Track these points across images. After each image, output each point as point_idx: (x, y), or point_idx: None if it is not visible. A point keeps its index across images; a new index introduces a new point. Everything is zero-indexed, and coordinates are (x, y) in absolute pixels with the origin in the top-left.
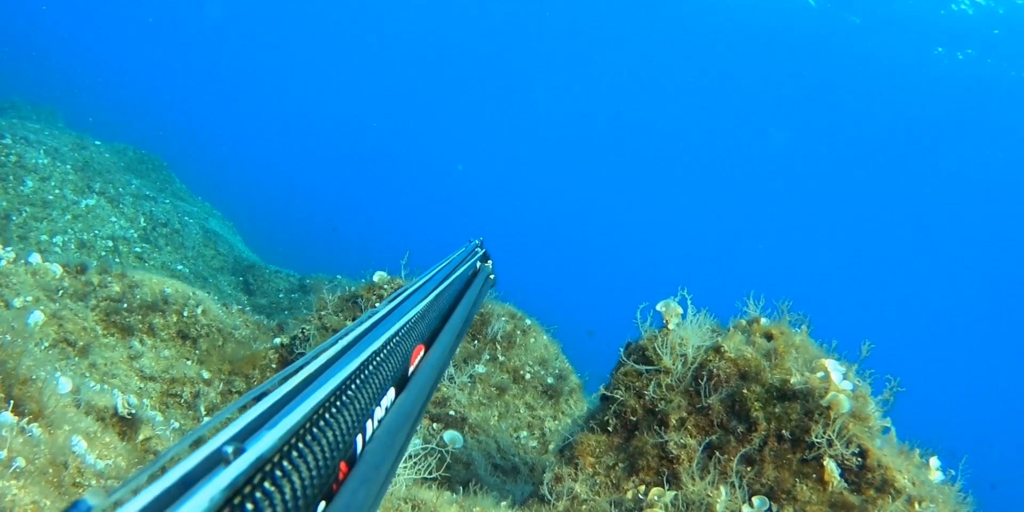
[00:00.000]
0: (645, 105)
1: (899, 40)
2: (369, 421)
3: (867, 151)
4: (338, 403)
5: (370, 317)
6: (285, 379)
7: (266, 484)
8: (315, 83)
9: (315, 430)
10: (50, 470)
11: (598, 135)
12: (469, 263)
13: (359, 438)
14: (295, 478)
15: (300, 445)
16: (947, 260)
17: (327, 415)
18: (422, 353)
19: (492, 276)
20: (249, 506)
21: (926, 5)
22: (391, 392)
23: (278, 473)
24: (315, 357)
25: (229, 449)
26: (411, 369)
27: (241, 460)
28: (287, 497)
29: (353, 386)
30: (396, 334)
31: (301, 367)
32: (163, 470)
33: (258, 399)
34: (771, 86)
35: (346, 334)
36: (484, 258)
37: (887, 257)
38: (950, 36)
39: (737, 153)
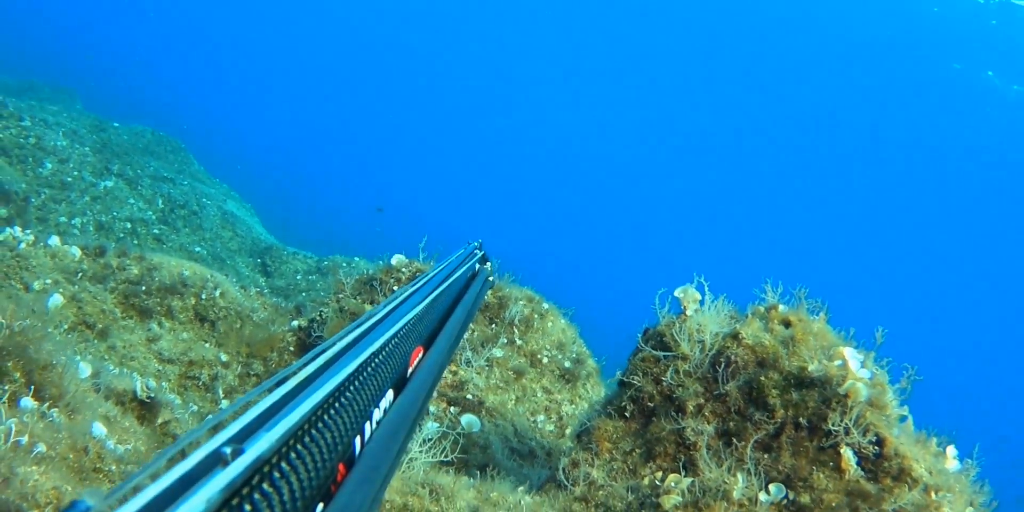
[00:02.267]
0: (658, 93)
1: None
2: (367, 423)
3: (883, 134)
4: (336, 405)
5: (369, 318)
6: (284, 380)
7: (264, 485)
8: (336, 65)
9: (313, 431)
10: (71, 455)
11: (616, 123)
12: (468, 265)
13: (357, 440)
14: (293, 479)
15: (298, 446)
16: (972, 245)
17: (325, 416)
18: (421, 355)
19: (491, 278)
20: (247, 507)
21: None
22: (390, 394)
23: (276, 474)
24: (314, 358)
25: (227, 450)
26: (410, 371)
27: (239, 461)
28: (285, 498)
29: (352, 388)
30: (395, 336)
31: (300, 368)
32: (182, 454)
33: (271, 389)
34: (785, 70)
35: (345, 335)
36: (483, 260)
37: (908, 243)
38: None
39: (754, 139)
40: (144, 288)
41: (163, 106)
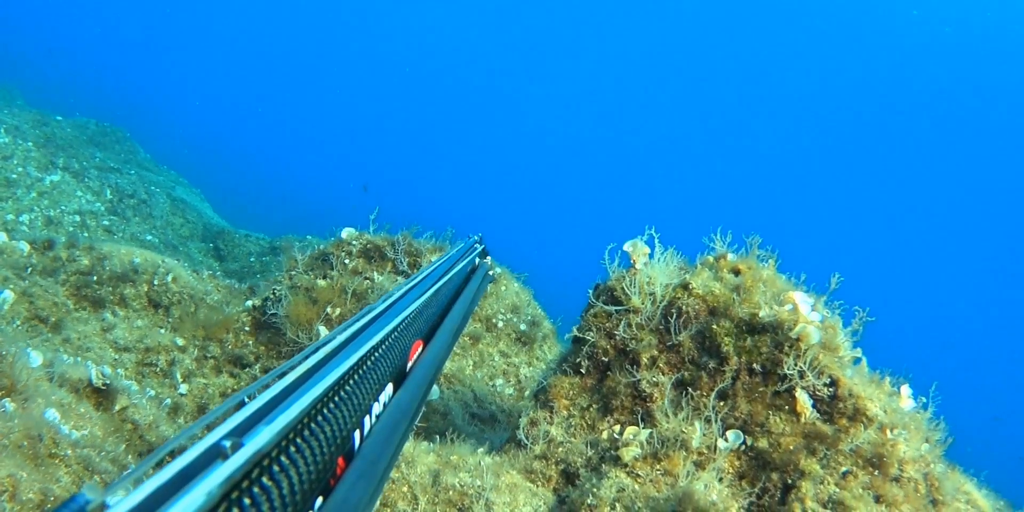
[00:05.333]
0: (608, 52)
1: None
2: (367, 417)
3: (829, 83)
4: (336, 398)
5: (369, 312)
6: (284, 374)
7: (263, 479)
8: (273, 44)
9: (313, 425)
10: (25, 443)
11: (562, 83)
12: (468, 259)
13: (357, 433)
14: (292, 473)
15: (298, 440)
16: (934, 188)
17: (325, 410)
18: (420, 348)
19: (491, 272)
20: (246, 501)
21: None
22: (389, 387)
23: (275, 468)
24: (314, 352)
25: (227, 443)
26: (409, 365)
27: (239, 455)
28: (284, 492)
29: (351, 381)
30: (395, 330)
31: (300, 362)
32: (171, 459)
33: (271, 383)
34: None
35: (345, 329)
36: (483, 254)
37: (866, 190)
38: None
39: (701, 93)
40: (95, 278)
41: (106, 96)
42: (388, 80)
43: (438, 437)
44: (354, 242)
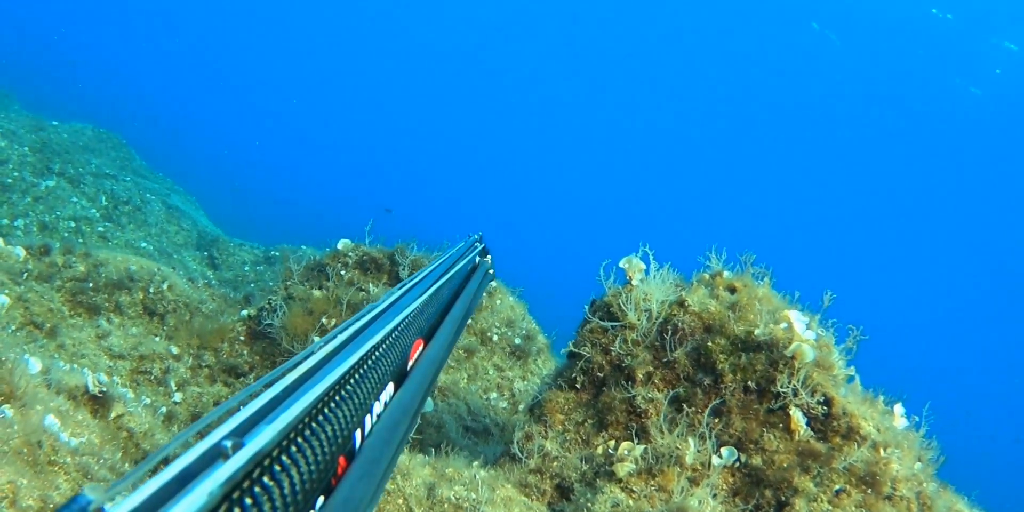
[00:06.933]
0: (602, 68)
1: None
2: (368, 416)
3: (826, 102)
4: (337, 398)
5: (369, 312)
6: (284, 373)
7: (264, 479)
8: (269, 55)
9: (314, 425)
10: (24, 450)
11: (559, 98)
12: (468, 258)
13: (358, 433)
14: (293, 473)
15: (299, 440)
16: (927, 207)
17: (326, 410)
18: (421, 348)
19: (491, 271)
20: (247, 501)
21: None
22: (390, 387)
23: (276, 468)
24: (314, 352)
25: (228, 443)
26: (410, 364)
27: (240, 455)
28: (285, 492)
29: (352, 381)
30: (395, 329)
31: (300, 362)
32: (164, 463)
33: (272, 383)
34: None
35: (345, 329)
36: (483, 253)
37: (853, 210)
38: None
39: (695, 110)
40: (91, 285)
41: (103, 102)
42: (382, 92)
43: (433, 450)
44: (350, 254)
